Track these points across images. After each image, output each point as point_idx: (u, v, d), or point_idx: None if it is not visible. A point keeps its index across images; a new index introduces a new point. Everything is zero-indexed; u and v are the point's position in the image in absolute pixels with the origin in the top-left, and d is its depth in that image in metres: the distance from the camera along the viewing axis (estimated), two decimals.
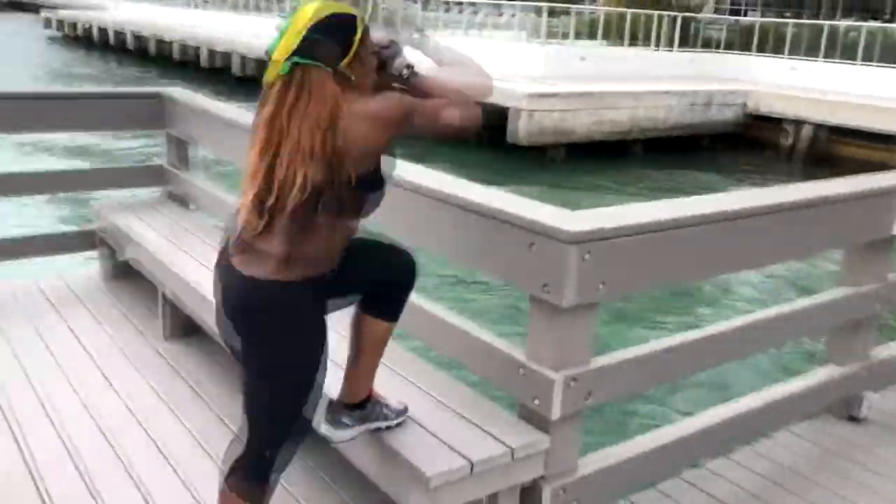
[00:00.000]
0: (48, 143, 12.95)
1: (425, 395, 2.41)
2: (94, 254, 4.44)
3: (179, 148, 4.40)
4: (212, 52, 27.16)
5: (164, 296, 3.64)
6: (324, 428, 2.19)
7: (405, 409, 2.25)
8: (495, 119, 16.20)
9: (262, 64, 23.80)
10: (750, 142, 17.92)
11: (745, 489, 2.83)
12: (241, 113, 3.76)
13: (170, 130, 4.37)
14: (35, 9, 52.42)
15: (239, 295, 1.90)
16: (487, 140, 17.02)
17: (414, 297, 2.66)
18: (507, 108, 15.62)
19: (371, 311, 2.10)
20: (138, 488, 2.57)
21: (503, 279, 2.32)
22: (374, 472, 2.25)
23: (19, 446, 2.78)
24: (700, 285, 8.33)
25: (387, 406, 2.22)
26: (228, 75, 25.75)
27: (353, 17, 1.88)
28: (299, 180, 1.77)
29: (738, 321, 2.65)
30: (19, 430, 2.88)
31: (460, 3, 24.37)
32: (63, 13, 41.64)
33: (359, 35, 1.88)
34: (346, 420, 2.18)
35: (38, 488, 2.54)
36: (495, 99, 15.79)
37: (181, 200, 4.45)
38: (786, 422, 3.13)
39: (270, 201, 1.80)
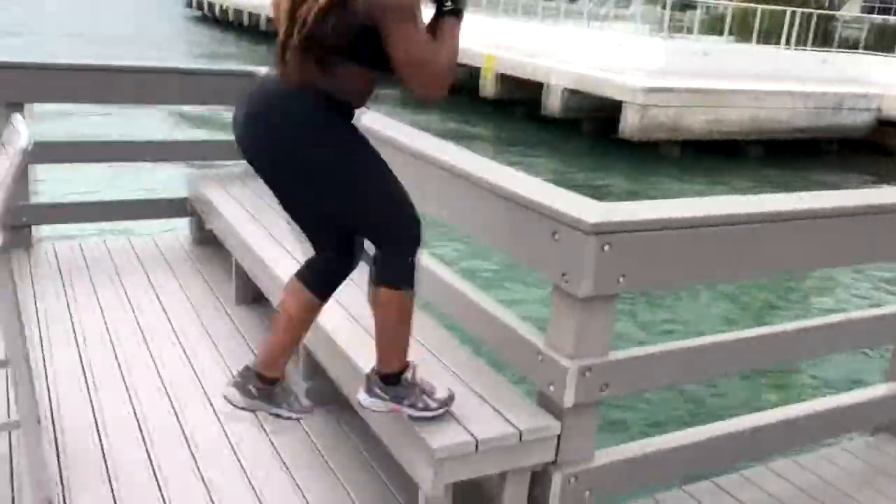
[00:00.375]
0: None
1: (445, 369, 2.49)
2: (185, 220, 4.75)
3: None
4: None
5: (236, 263, 3.85)
6: (360, 394, 2.28)
7: (447, 402, 2.23)
8: (606, 112, 16.01)
9: None
10: (878, 148, 16.91)
11: (776, 498, 2.76)
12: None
13: None
14: None
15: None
16: (596, 132, 16.84)
17: (447, 275, 2.75)
18: (621, 102, 15.36)
19: (378, 280, 2.14)
20: (186, 439, 2.77)
21: (528, 266, 2.35)
22: (388, 438, 2.34)
23: (87, 385, 3.04)
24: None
25: (429, 396, 2.20)
26: None
27: None
28: (314, 11, 1.87)
29: (771, 328, 2.57)
30: (90, 371, 3.14)
31: None
32: None
33: None
34: (378, 391, 2.22)
35: (97, 428, 2.78)
36: (608, 92, 15.65)
37: None
38: (833, 435, 3.01)
39: (294, 37, 1.91)
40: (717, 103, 15.75)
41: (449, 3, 2.08)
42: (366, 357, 2.36)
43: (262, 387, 2.25)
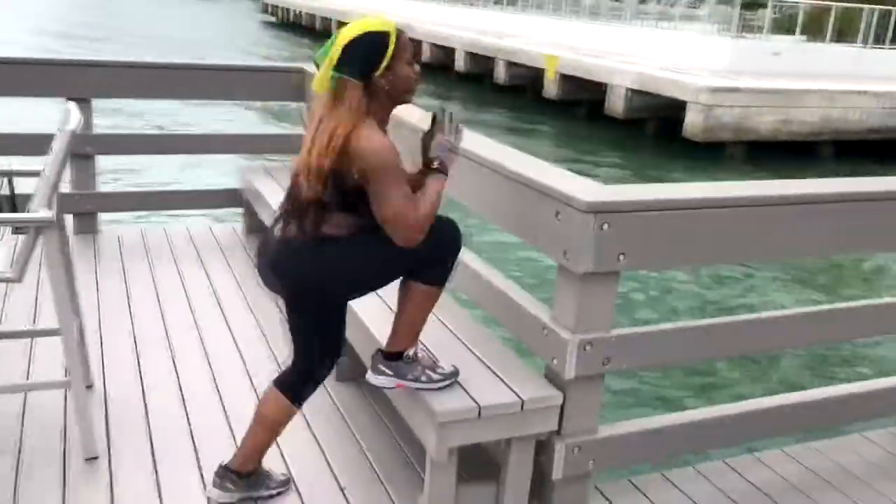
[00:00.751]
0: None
1: (456, 339, 2.63)
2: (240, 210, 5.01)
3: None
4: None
5: None
6: (368, 374, 2.45)
7: (450, 376, 2.37)
8: (671, 112, 15.85)
9: (447, 52, 24.55)
10: None
11: (786, 480, 2.80)
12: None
13: (309, 104, 4.82)
14: None
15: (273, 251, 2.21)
16: (660, 132, 16.69)
17: (463, 255, 2.89)
18: (684, 102, 15.20)
19: (415, 277, 2.29)
20: (223, 407, 2.97)
21: (532, 244, 2.47)
22: (401, 406, 2.49)
23: (136, 354, 3.29)
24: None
25: (431, 371, 2.35)
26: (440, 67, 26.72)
27: (385, 34, 2.08)
28: (319, 171, 2.03)
29: (777, 312, 2.63)
30: (141, 342, 3.39)
31: None
32: None
33: (391, 50, 2.09)
34: (382, 367, 2.39)
35: (143, 393, 3.02)
36: (672, 92, 15.49)
37: None
38: (846, 421, 3.03)
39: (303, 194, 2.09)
40: (786, 103, 15.43)
41: (435, 164, 2.24)
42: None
43: (239, 481, 2.41)
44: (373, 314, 2.79)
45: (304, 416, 2.94)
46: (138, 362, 3.25)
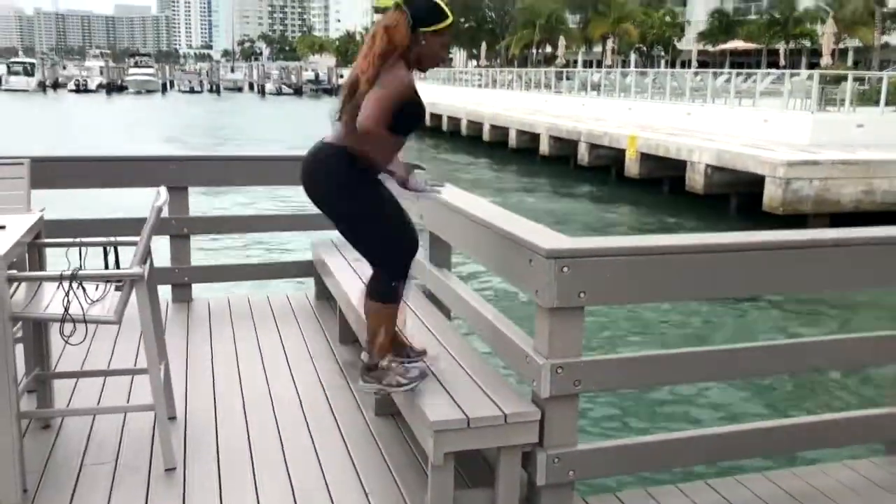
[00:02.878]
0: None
1: (454, 363, 3.19)
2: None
3: None
4: (493, 127, 29.46)
5: (340, 311, 4.71)
6: (359, 381, 3.07)
7: (417, 378, 2.96)
8: (751, 186, 16.03)
9: (533, 137, 25.48)
10: None
11: (762, 500, 3.14)
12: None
13: None
14: None
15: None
16: (742, 207, 16.82)
17: (463, 291, 3.47)
18: (763, 176, 15.39)
19: (369, 294, 2.94)
20: (280, 440, 3.58)
21: (513, 284, 3.02)
22: (406, 412, 3.04)
23: (214, 393, 3.96)
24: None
25: (401, 376, 2.96)
26: (505, 148, 27.79)
27: (446, 14, 2.78)
28: (355, 73, 2.73)
29: (734, 346, 3.06)
30: (218, 384, 4.06)
31: (741, 73, 24.22)
32: None
33: (441, 25, 2.77)
34: (365, 377, 3.04)
35: (215, 423, 3.66)
36: (750, 167, 15.72)
37: None
38: (815, 447, 3.35)
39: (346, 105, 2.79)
40: (868, 174, 15.39)
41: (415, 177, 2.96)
42: (423, 387, 3.02)
43: (371, 373, 3.03)
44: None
45: (345, 444, 3.50)
46: (214, 402, 3.91)
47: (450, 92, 42.16)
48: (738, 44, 56.11)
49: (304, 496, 3.07)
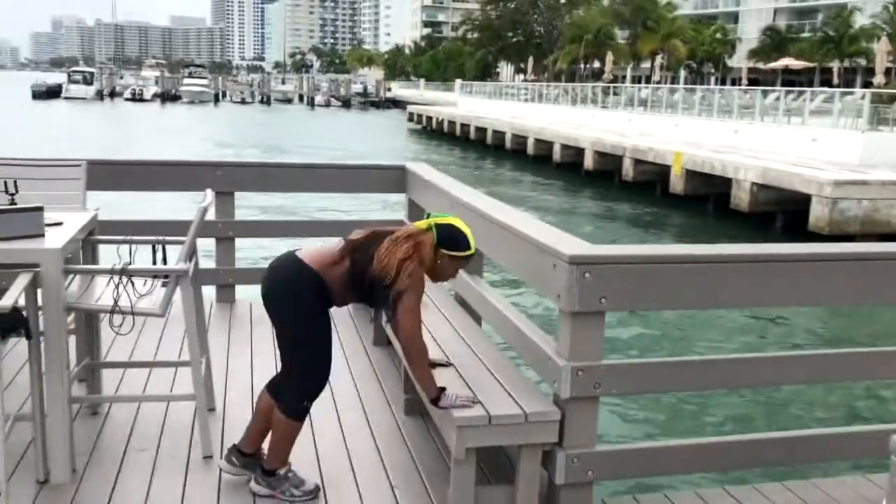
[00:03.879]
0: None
1: (480, 364, 3.31)
2: None
3: (413, 209, 5.70)
4: (537, 141, 29.53)
5: (373, 314, 4.86)
6: (251, 482, 3.15)
7: (310, 493, 3.08)
8: (797, 205, 15.85)
9: (578, 152, 25.49)
10: None
11: None
12: (459, 188, 4.85)
13: (409, 195, 5.70)
14: (402, 105, 60.65)
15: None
16: (788, 226, 16.62)
17: (490, 295, 3.60)
18: (810, 196, 15.22)
19: (279, 406, 3.05)
20: (312, 431, 3.73)
21: (537, 289, 3.13)
22: (436, 419, 3.16)
23: (251, 388, 4.13)
24: None
25: (296, 488, 3.07)
26: (549, 162, 27.84)
27: (468, 245, 3.00)
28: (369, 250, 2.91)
29: (754, 354, 3.12)
30: (255, 380, 4.24)
31: (791, 91, 23.97)
32: (422, 108, 47.62)
33: (460, 254, 2.99)
34: (260, 480, 3.12)
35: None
36: (796, 186, 15.56)
37: None
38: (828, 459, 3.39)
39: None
40: None
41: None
42: (448, 385, 3.08)
43: (242, 459, 3.17)
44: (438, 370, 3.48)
45: (375, 442, 3.64)
46: (252, 396, 4.09)
47: (495, 106, 42.37)
48: (790, 61, 55.33)
49: (333, 486, 3.21)
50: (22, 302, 2.98)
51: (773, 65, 57.07)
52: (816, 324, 10.67)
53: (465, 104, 47.19)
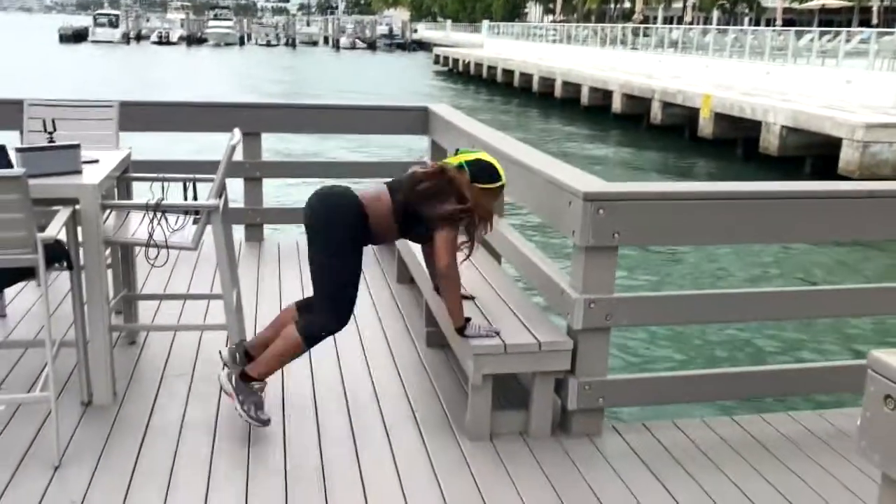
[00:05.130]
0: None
1: (498, 298, 3.44)
2: None
3: (436, 149, 5.79)
4: (565, 84, 29.20)
5: (398, 254, 5.01)
6: (221, 372, 3.19)
7: (261, 421, 3.11)
8: (827, 149, 15.67)
9: (605, 94, 25.22)
10: None
11: (785, 436, 3.32)
12: (480, 128, 4.93)
13: (432, 137, 5.79)
14: (429, 47, 59.95)
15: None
16: (817, 170, 16.45)
17: (505, 229, 3.73)
18: (840, 139, 15.02)
19: (297, 322, 3.12)
20: (339, 365, 3.91)
21: (553, 225, 3.24)
22: (456, 349, 3.32)
23: None
24: None
25: (256, 408, 3.10)
26: (577, 105, 27.58)
27: (500, 176, 3.12)
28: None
29: (761, 289, 3.21)
30: None
31: (827, 32, 23.40)
32: (448, 51, 47.05)
33: (496, 185, 3.09)
34: (232, 379, 3.13)
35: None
36: (827, 129, 15.35)
37: None
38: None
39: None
40: None
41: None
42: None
43: (242, 358, 3.24)
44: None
45: (398, 371, 3.82)
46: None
47: (522, 47, 41.80)
48: (827, 1, 53.70)
49: (358, 412, 3.40)
50: (63, 236, 3.15)
51: (809, 4, 55.41)
52: (832, 259, 10.84)
53: (491, 46, 46.61)
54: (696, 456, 3.13)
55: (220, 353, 3.29)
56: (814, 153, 16.51)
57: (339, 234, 3.02)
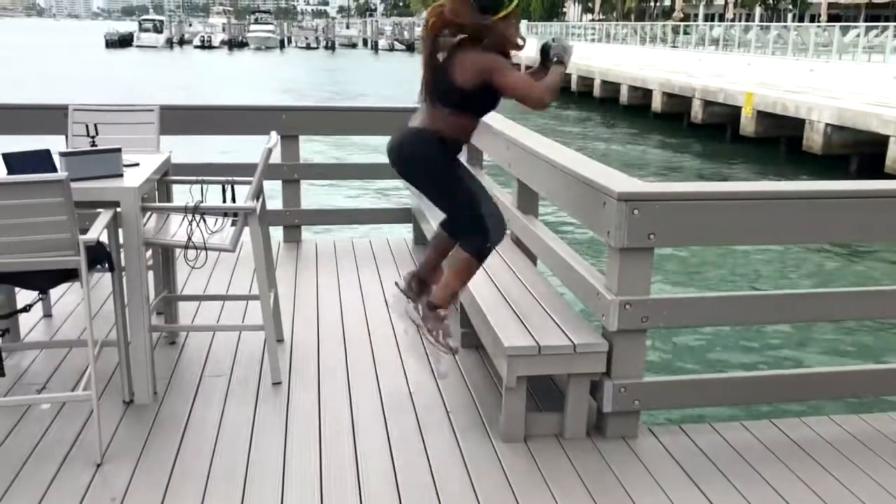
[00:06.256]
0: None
1: (533, 300, 3.44)
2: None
3: (473, 151, 5.79)
4: (604, 83, 28.98)
5: None
6: (409, 306, 3.32)
7: (450, 349, 3.23)
8: (873, 147, 15.32)
9: (646, 94, 24.96)
10: None
11: (824, 439, 3.26)
12: (514, 128, 4.88)
13: None
14: None
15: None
16: (863, 168, 16.09)
17: (542, 232, 3.72)
18: (888, 136, 14.67)
19: (461, 243, 3.16)
20: (373, 357, 3.94)
21: (587, 226, 3.22)
22: (485, 340, 3.32)
23: (317, 322, 4.36)
24: None
25: (443, 335, 3.22)
26: (616, 104, 27.35)
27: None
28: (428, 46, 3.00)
29: (799, 290, 3.16)
30: (321, 315, 4.46)
31: (874, 27, 22.91)
32: None
33: (504, 12, 2.95)
34: (420, 307, 3.26)
35: (318, 346, 4.06)
36: (874, 126, 15.00)
37: None
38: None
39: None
40: None
41: (554, 58, 3.12)
42: (500, 318, 3.29)
43: (418, 287, 3.36)
44: (486, 299, 3.59)
45: (432, 372, 3.83)
46: (317, 328, 4.31)
47: None
48: None
49: (392, 411, 3.41)
50: (105, 238, 3.22)
51: None
52: (874, 260, 10.66)
53: (530, 46, 46.34)
54: (734, 459, 3.09)
55: (395, 284, 3.44)
56: (859, 151, 16.15)
57: (432, 168, 3.09)
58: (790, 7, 61.87)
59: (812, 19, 52.21)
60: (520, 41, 3.04)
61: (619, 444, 3.16)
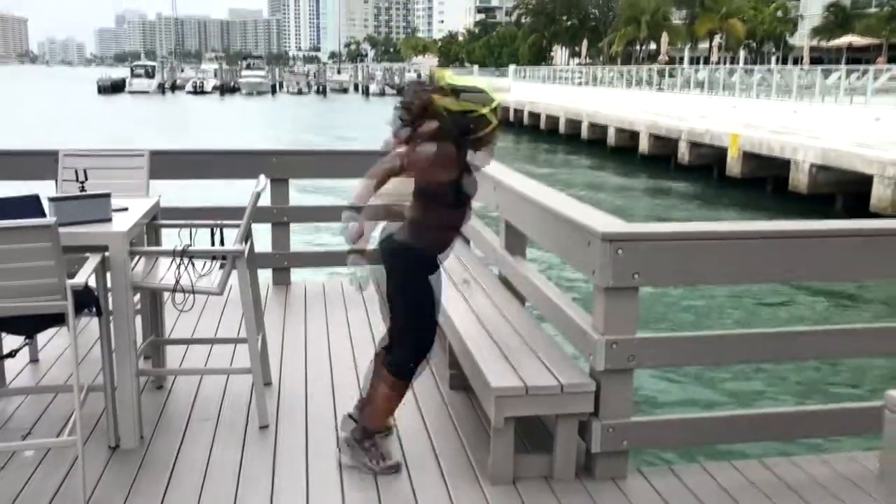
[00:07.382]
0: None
1: (521, 340, 3.45)
2: None
3: None
4: (592, 125, 29.33)
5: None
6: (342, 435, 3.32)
7: (391, 468, 3.21)
8: (858, 186, 15.50)
9: (633, 135, 25.25)
10: None
11: (817, 481, 3.25)
12: (501, 170, 4.94)
13: None
14: None
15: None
16: (849, 207, 16.26)
17: (530, 272, 3.72)
18: (871, 176, 14.88)
19: (387, 364, 3.20)
20: None
21: (573, 266, 3.25)
22: (472, 381, 3.32)
23: (305, 364, 4.34)
24: None
25: (381, 459, 3.21)
26: (604, 146, 27.64)
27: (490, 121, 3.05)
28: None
29: (784, 329, 3.18)
30: (308, 358, 4.45)
31: (855, 69, 23.33)
32: None
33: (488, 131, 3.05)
34: (355, 438, 3.25)
35: (306, 390, 4.04)
36: (858, 166, 15.21)
37: None
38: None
39: None
40: None
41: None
42: (488, 359, 3.29)
43: (362, 439, 3.29)
44: (474, 339, 3.59)
45: (421, 413, 3.81)
46: (305, 372, 4.30)
47: (549, 90, 42.13)
48: (853, 39, 53.61)
49: None
50: (93, 282, 3.23)
51: (835, 42, 55.36)
52: (860, 296, 10.77)
53: (518, 90, 46.99)
54: (723, 501, 3.07)
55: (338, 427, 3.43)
56: (845, 190, 16.34)
57: (415, 281, 3.13)
58: (773, 50, 63.06)
59: (794, 62, 53.15)
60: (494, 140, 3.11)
61: (609, 486, 3.15)
